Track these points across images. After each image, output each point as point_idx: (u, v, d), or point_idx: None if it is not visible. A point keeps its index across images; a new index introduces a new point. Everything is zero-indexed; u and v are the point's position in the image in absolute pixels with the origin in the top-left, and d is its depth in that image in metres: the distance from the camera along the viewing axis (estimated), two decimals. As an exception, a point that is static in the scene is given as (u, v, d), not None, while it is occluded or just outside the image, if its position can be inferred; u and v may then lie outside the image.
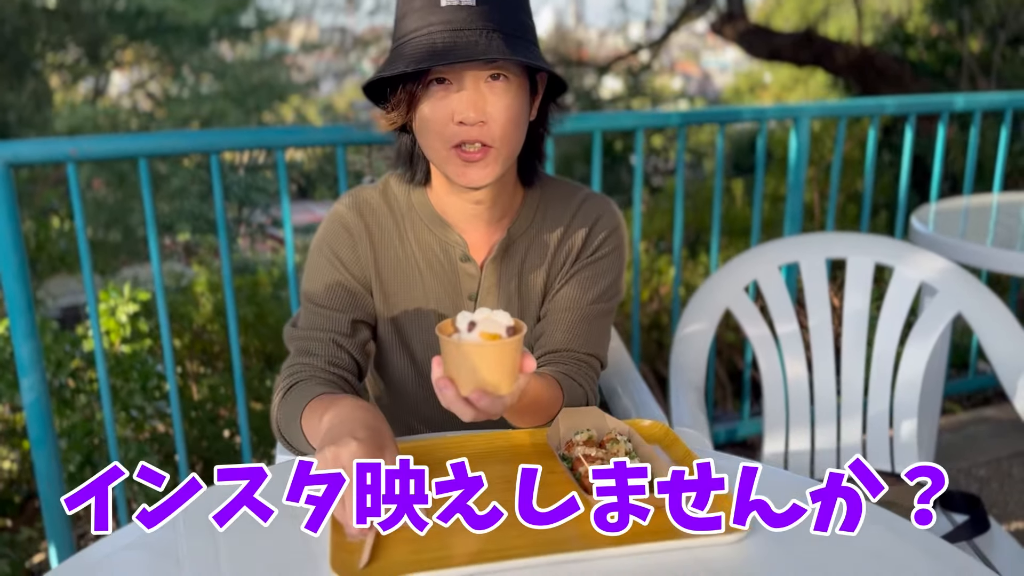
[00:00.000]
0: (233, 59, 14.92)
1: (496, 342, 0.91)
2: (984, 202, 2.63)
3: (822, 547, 0.94)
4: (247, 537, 0.95)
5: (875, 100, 2.60)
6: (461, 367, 0.93)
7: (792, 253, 1.88)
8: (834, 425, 1.83)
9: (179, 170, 11.73)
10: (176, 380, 2.03)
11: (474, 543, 0.94)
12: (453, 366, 0.94)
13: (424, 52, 1.10)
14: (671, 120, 2.34)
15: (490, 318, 0.94)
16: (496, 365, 0.92)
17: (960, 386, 3.11)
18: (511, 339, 0.92)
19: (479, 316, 0.94)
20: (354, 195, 1.31)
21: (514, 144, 1.18)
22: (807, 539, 0.95)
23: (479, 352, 0.91)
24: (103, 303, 2.33)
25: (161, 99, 13.77)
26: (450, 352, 0.93)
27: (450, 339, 0.93)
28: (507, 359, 0.93)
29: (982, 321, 1.71)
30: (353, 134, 1.97)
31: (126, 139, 1.80)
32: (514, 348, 0.93)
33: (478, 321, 0.93)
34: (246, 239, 14.35)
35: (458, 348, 0.92)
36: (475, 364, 0.92)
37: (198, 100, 12.99)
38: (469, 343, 0.91)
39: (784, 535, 0.96)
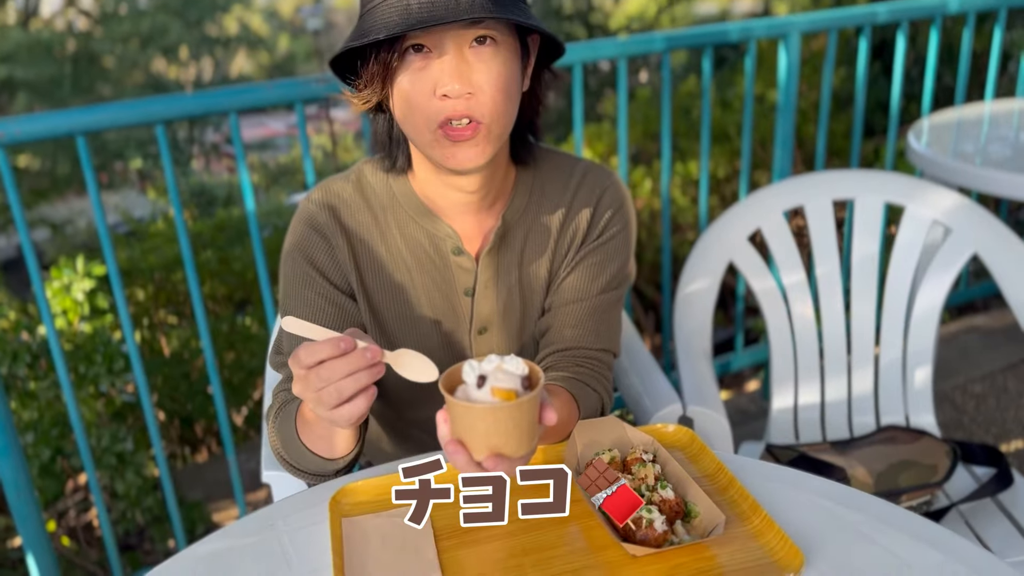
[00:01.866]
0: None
1: (512, 403, 0.79)
2: (977, 113, 2.52)
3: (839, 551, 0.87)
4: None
5: (866, 8, 2.44)
6: (472, 431, 0.80)
7: (795, 196, 1.76)
8: (845, 377, 1.75)
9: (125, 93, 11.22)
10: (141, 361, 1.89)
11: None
12: (462, 428, 0.81)
13: (397, 15, 0.94)
14: (655, 45, 2.17)
15: (501, 368, 0.81)
16: (513, 428, 0.80)
17: (953, 298, 3.05)
18: (528, 398, 0.80)
19: (488, 367, 0.81)
20: (324, 189, 1.16)
21: (507, 118, 1.03)
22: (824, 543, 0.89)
23: (493, 416, 0.79)
24: (56, 280, 2.16)
25: (96, 17, 13.03)
26: (459, 415, 0.81)
27: (458, 402, 0.80)
28: (524, 419, 0.80)
29: (1000, 263, 1.61)
30: (312, 88, 1.79)
31: (59, 116, 1.60)
32: (532, 406, 0.81)
33: (488, 374, 0.81)
34: (200, 160, 13.91)
35: (468, 412, 0.79)
36: (489, 428, 0.79)
37: (136, 16, 12.30)
38: (481, 407, 0.79)
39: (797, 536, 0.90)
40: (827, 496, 0.99)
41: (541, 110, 1.16)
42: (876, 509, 0.96)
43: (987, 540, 1.40)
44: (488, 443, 0.80)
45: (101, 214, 1.71)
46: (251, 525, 1.00)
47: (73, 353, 2.08)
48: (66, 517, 2.51)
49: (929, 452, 1.55)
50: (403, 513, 0.98)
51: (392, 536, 0.95)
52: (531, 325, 1.22)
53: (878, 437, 1.60)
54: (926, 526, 0.93)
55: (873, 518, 0.95)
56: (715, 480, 1.02)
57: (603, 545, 0.91)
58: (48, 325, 1.75)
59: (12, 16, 12.58)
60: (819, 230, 1.74)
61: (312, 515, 1.00)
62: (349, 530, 0.96)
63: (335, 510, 0.98)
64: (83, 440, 1.84)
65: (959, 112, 2.52)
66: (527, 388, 0.82)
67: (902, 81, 2.63)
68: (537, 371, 0.83)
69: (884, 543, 0.91)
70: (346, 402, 0.85)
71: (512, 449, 0.81)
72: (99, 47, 12.15)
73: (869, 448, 1.57)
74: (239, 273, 3.75)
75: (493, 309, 1.18)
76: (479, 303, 1.17)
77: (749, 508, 0.95)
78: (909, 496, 1.46)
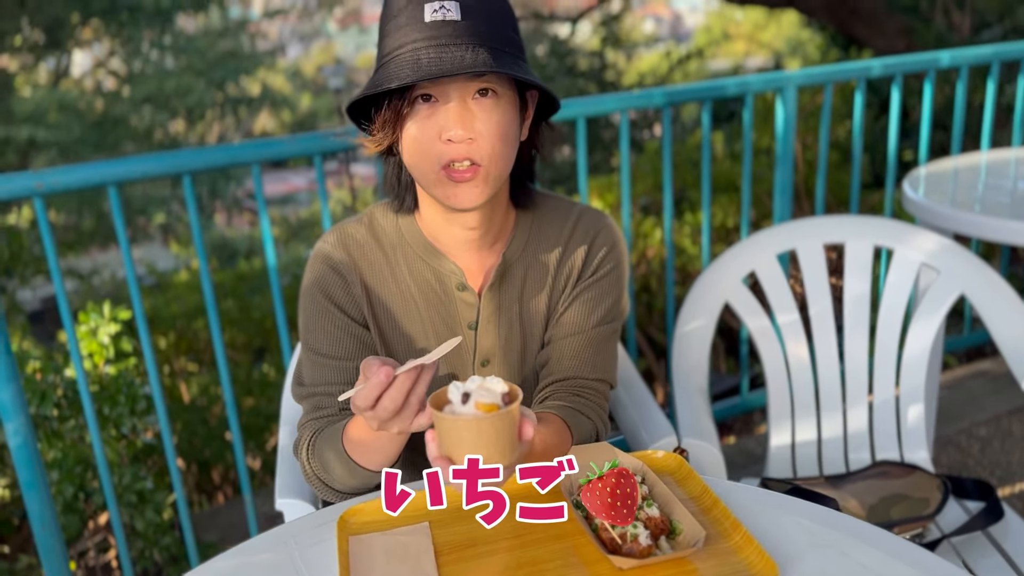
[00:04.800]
0: (195, 31, 14.58)
1: (493, 415, 0.87)
2: (974, 162, 2.59)
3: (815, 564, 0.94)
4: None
5: (861, 63, 2.54)
6: (458, 444, 0.89)
7: (788, 240, 1.83)
8: (840, 414, 1.80)
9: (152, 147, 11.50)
10: (164, 402, 1.98)
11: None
12: (449, 443, 0.90)
13: (409, 68, 1.05)
14: (655, 100, 2.27)
15: (484, 386, 0.90)
16: (495, 438, 0.88)
17: (956, 343, 3.10)
18: (508, 409, 0.88)
19: (472, 386, 0.90)
20: (338, 231, 1.25)
21: (504, 162, 1.13)
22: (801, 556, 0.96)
23: (477, 427, 0.87)
24: (83, 324, 2.26)
25: (124, 76, 13.45)
26: (446, 428, 0.89)
27: (444, 415, 0.88)
28: (505, 431, 0.89)
29: (988, 304, 1.67)
30: (329, 142, 1.90)
31: (92, 167, 1.71)
32: (512, 418, 0.89)
33: (472, 391, 0.89)
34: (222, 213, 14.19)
35: (454, 424, 0.88)
36: (473, 440, 0.88)
37: (162, 76, 12.69)
38: (466, 419, 0.87)
39: (776, 551, 0.96)
40: (807, 516, 1.05)
41: (538, 158, 1.26)
42: (853, 528, 1.02)
43: (978, 572, 1.44)
44: (474, 454, 0.88)
45: (129, 257, 1.81)
46: (265, 543, 1.07)
47: (98, 394, 2.17)
48: (85, 557, 2.57)
49: (921, 486, 1.59)
50: (406, 531, 1.05)
51: (395, 551, 1.02)
52: (532, 357, 1.30)
53: (871, 472, 1.65)
54: (902, 545, 0.99)
55: (850, 535, 1.00)
56: (700, 501, 1.08)
57: (593, 560, 0.98)
58: (77, 366, 1.84)
59: (44, 76, 13.01)
60: (811, 272, 1.81)
61: (321, 533, 1.07)
62: (355, 547, 1.03)
63: (343, 528, 1.05)
64: (107, 477, 1.92)
65: (955, 162, 2.60)
66: (507, 404, 0.90)
67: (898, 133, 2.72)
68: (516, 390, 0.91)
69: (859, 559, 0.96)
70: (419, 411, 0.96)
71: (496, 459, 0.89)
72: (125, 107, 12.52)
73: (862, 482, 1.62)
74: (258, 321, 3.85)
75: (495, 342, 1.26)
76: (482, 336, 1.25)
77: (731, 526, 1.01)
78: (901, 528, 1.51)
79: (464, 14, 1.06)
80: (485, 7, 1.09)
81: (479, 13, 1.07)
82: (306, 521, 1.11)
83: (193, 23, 14.96)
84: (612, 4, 10.68)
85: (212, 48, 14.12)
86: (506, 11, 1.12)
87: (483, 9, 1.08)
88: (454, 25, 1.06)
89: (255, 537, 1.09)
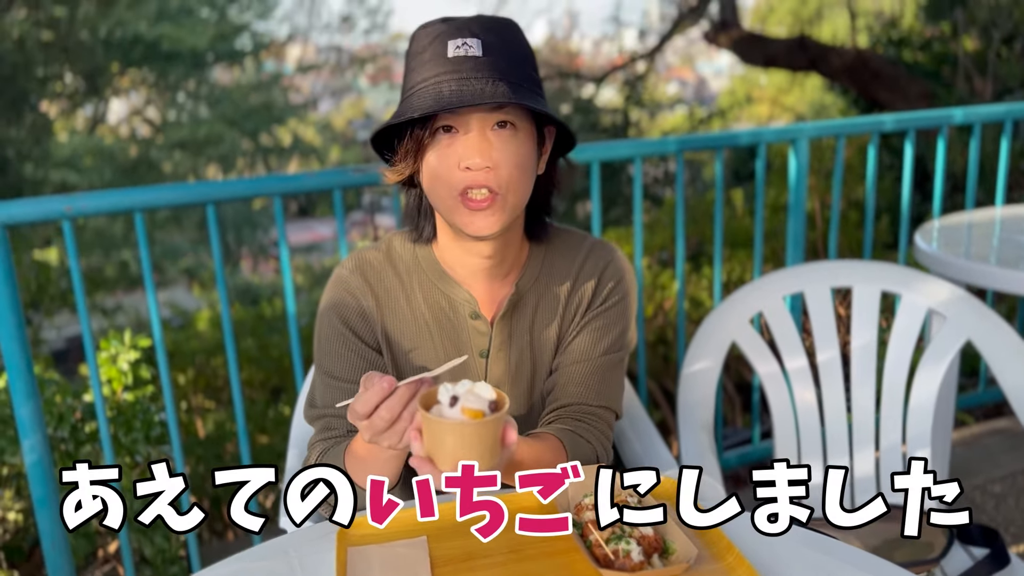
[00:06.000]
0: (230, 82, 14.99)
1: (478, 422, 0.90)
2: (987, 217, 2.61)
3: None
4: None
5: (874, 117, 2.58)
6: (440, 446, 0.92)
7: (796, 283, 1.86)
8: (846, 458, 1.80)
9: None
10: (179, 431, 2.01)
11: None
12: (433, 444, 0.93)
13: (431, 99, 1.10)
14: (668, 147, 2.33)
15: (472, 391, 0.93)
16: (477, 443, 0.91)
17: (971, 399, 3.08)
18: (493, 418, 0.91)
19: (461, 390, 0.93)
20: (356, 257, 1.29)
21: (521, 192, 1.17)
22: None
23: (459, 431, 0.90)
24: (104, 351, 2.31)
25: (159, 124, 13.82)
26: (430, 428, 0.92)
27: (431, 417, 0.91)
28: (487, 437, 0.92)
29: (992, 349, 1.68)
30: (349, 177, 1.96)
31: (121, 193, 1.78)
32: (495, 426, 0.92)
33: (460, 395, 0.92)
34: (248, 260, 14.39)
35: (438, 426, 0.91)
36: (454, 443, 0.91)
37: (195, 125, 13.03)
38: (451, 423, 0.90)
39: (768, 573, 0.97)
40: (801, 542, 1.07)
41: (555, 192, 1.30)
42: (844, 553, 1.03)
43: (983, 618, 1.42)
44: (455, 457, 0.90)
45: (151, 279, 1.87)
46: (265, 551, 1.09)
47: (114, 419, 2.21)
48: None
49: (926, 530, 1.58)
50: (404, 544, 1.07)
51: (391, 563, 1.04)
52: (541, 386, 1.32)
53: (876, 515, 1.64)
54: (892, 570, 1.00)
55: (840, 560, 1.02)
56: (695, 524, 1.09)
57: (586, 575, 0.99)
58: (96, 387, 1.88)
59: (81, 122, 13.39)
60: (819, 315, 1.83)
61: (321, 544, 1.09)
62: (354, 557, 1.05)
63: (342, 540, 1.07)
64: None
65: (969, 216, 2.62)
66: (493, 411, 0.93)
67: (911, 187, 2.75)
68: (503, 398, 0.94)
69: (848, 581, 0.97)
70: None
71: (484, 465, 0.91)
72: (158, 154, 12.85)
73: (866, 524, 1.61)
74: (276, 360, 3.90)
75: (505, 370, 1.29)
76: (492, 364, 1.28)
77: (724, 548, 1.02)
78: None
79: (485, 50, 1.12)
80: (506, 45, 1.14)
81: (500, 50, 1.13)
82: (306, 532, 1.13)
83: (229, 75, 15.39)
84: (636, 65, 10.88)
85: (246, 100, 14.50)
86: (526, 51, 1.17)
87: (504, 47, 1.14)
88: (475, 60, 1.11)
89: (256, 546, 1.11)
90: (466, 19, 1.15)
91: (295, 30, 18.27)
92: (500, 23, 1.16)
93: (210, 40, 13.33)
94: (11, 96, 9.81)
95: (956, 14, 7.66)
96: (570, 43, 17.98)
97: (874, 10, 10.03)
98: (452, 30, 1.13)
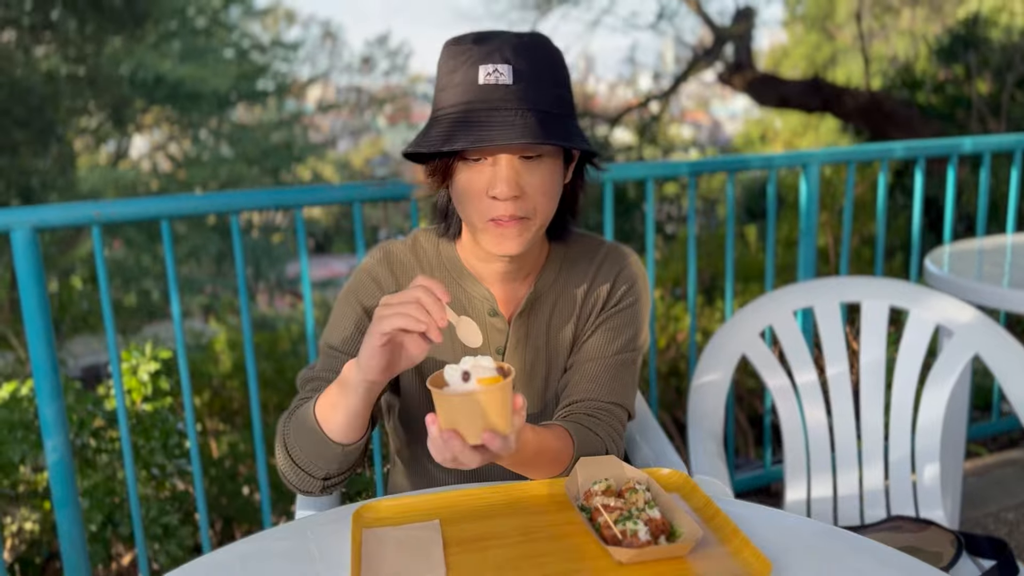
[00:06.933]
0: (251, 121, 15.25)
1: (500, 384, 0.94)
2: (998, 243, 2.63)
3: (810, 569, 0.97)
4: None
5: (883, 145, 2.62)
6: (468, 416, 0.95)
7: (806, 298, 1.88)
8: (856, 471, 1.82)
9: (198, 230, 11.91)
10: (197, 439, 2.05)
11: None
12: (457, 417, 0.96)
13: (459, 128, 1.12)
14: (680, 170, 2.37)
15: (479, 364, 0.96)
16: (501, 407, 0.95)
17: (984, 429, 3.07)
18: (508, 380, 0.95)
19: (467, 365, 0.96)
20: (384, 249, 1.34)
21: (546, 214, 1.21)
22: (797, 561, 0.98)
23: (488, 398, 0.94)
24: (125, 362, 2.36)
25: (180, 161, 14.06)
26: (455, 404, 0.95)
27: (455, 394, 0.95)
28: (507, 399, 0.96)
29: (1000, 362, 1.70)
30: (368, 191, 2.01)
31: (148, 202, 1.84)
32: (511, 388, 0.96)
33: (469, 370, 0.96)
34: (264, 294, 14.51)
35: (469, 398, 0.94)
36: (483, 410, 0.94)
37: (216, 162, 13.25)
38: (480, 391, 0.94)
39: (773, 556, 0.99)
40: (806, 528, 1.09)
41: (581, 197, 1.34)
42: (848, 538, 1.05)
43: (992, 627, 1.42)
44: (481, 424, 0.94)
45: (175, 287, 1.92)
46: (283, 532, 1.12)
47: (133, 427, 2.25)
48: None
49: (934, 540, 1.59)
50: (418, 527, 1.10)
51: (405, 543, 1.06)
52: (555, 384, 1.36)
53: (885, 525, 1.65)
54: (895, 555, 1.02)
55: (845, 544, 1.04)
56: (703, 512, 1.11)
57: (594, 555, 1.01)
58: (117, 389, 1.92)
59: (104, 157, 13.64)
60: (828, 329, 1.85)
61: (337, 527, 1.12)
62: (368, 538, 1.08)
63: (357, 521, 1.10)
64: (136, 501, 1.98)
65: (979, 243, 2.64)
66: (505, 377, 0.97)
67: (921, 215, 2.78)
68: (506, 365, 0.99)
69: (853, 564, 0.99)
70: (407, 336, 1.03)
71: (503, 426, 0.95)
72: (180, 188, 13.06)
73: (875, 534, 1.61)
74: (291, 382, 3.93)
75: (521, 368, 1.32)
76: (509, 361, 1.32)
77: (731, 532, 1.04)
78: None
79: (516, 78, 1.14)
80: (537, 69, 1.16)
81: (531, 76, 1.15)
82: (322, 516, 1.16)
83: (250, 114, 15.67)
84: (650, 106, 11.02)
85: (267, 138, 14.75)
86: (557, 70, 1.19)
87: (535, 72, 1.15)
88: (505, 89, 1.13)
89: (274, 528, 1.14)
90: (498, 42, 1.15)
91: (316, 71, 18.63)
92: (532, 44, 1.17)
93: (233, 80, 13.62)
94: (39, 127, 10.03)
95: (969, 57, 7.74)
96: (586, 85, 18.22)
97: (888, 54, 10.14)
98: (483, 54, 1.14)
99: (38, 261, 1.75)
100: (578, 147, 1.17)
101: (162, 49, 12.21)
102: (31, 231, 1.75)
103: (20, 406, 2.15)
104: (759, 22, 16.48)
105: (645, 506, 1.05)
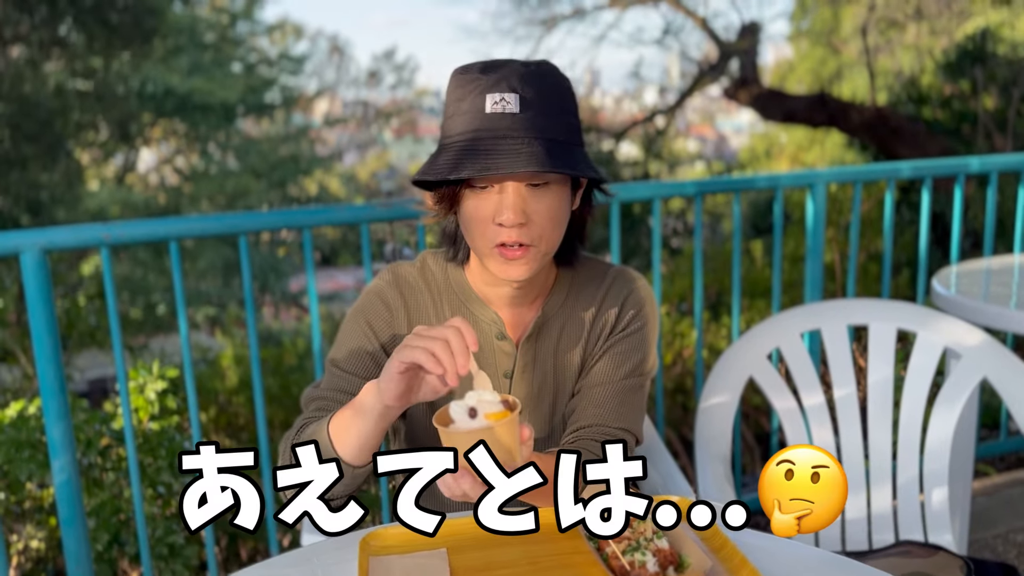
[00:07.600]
0: (258, 135, 15.33)
1: (505, 420, 0.94)
2: (1006, 263, 2.62)
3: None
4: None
5: (890, 164, 2.63)
6: None
7: (813, 320, 1.88)
8: (864, 494, 1.81)
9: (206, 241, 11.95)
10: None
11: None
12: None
13: (466, 157, 1.13)
14: (687, 190, 2.38)
15: (483, 399, 0.96)
16: (509, 441, 0.95)
17: (992, 448, 3.06)
18: (515, 414, 0.96)
19: (473, 401, 0.96)
20: (393, 271, 1.34)
21: (553, 242, 1.21)
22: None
23: (496, 434, 0.94)
24: (132, 381, 2.36)
25: (188, 174, 14.13)
26: (464, 442, 0.94)
27: (465, 431, 0.94)
28: (515, 433, 0.97)
29: (1009, 385, 1.70)
30: (375, 212, 2.02)
31: (157, 223, 1.85)
32: (517, 422, 0.97)
33: (475, 405, 0.96)
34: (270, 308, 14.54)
35: (477, 435, 0.93)
36: (498, 446, 0.94)
37: (224, 175, 13.31)
38: (488, 428, 0.94)
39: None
40: (813, 556, 1.09)
41: (589, 223, 1.34)
42: (855, 569, 1.04)
43: (1002, 654, 1.41)
44: (499, 459, 0.93)
45: (183, 304, 1.92)
46: (288, 559, 1.12)
47: (140, 446, 2.25)
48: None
49: (943, 566, 1.58)
50: (425, 555, 1.10)
51: (411, 571, 1.06)
52: (562, 409, 1.36)
53: (894, 550, 1.64)
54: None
55: (852, 574, 1.03)
56: (710, 541, 1.11)
57: (602, 585, 1.01)
58: (127, 419, 1.93)
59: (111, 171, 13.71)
60: (835, 351, 1.85)
61: (343, 554, 1.11)
62: (375, 565, 1.07)
63: (364, 549, 1.09)
64: (142, 520, 1.98)
65: (987, 263, 2.64)
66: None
67: (928, 235, 2.78)
68: (512, 398, 0.99)
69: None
70: (427, 374, 1.03)
71: (512, 460, 0.95)
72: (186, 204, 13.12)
73: (884, 560, 1.61)
74: (297, 398, 3.94)
75: (528, 392, 1.32)
76: (516, 385, 1.32)
77: (739, 562, 1.04)
78: (922, 607, 1.49)
79: (523, 107, 1.14)
80: (544, 98, 1.16)
81: (538, 105, 1.15)
82: (329, 543, 1.16)
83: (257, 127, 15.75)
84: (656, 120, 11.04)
85: (274, 151, 14.82)
86: (565, 98, 1.20)
87: (542, 100, 1.16)
88: (512, 118, 1.13)
89: (280, 555, 1.14)
90: (505, 71, 1.16)
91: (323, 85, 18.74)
92: (539, 72, 1.18)
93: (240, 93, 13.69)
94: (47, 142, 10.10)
95: (975, 72, 7.75)
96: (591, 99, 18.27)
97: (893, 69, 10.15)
98: (490, 83, 1.15)
99: (47, 283, 1.76)
100: (584, 175, 1.17)
101: (170, 63, 12.29)
102: (40, 252, 1.76)
103: (27, 425, 2.16)
104: (764, 37, 16.51)
105: (653, 536, 1.05)
